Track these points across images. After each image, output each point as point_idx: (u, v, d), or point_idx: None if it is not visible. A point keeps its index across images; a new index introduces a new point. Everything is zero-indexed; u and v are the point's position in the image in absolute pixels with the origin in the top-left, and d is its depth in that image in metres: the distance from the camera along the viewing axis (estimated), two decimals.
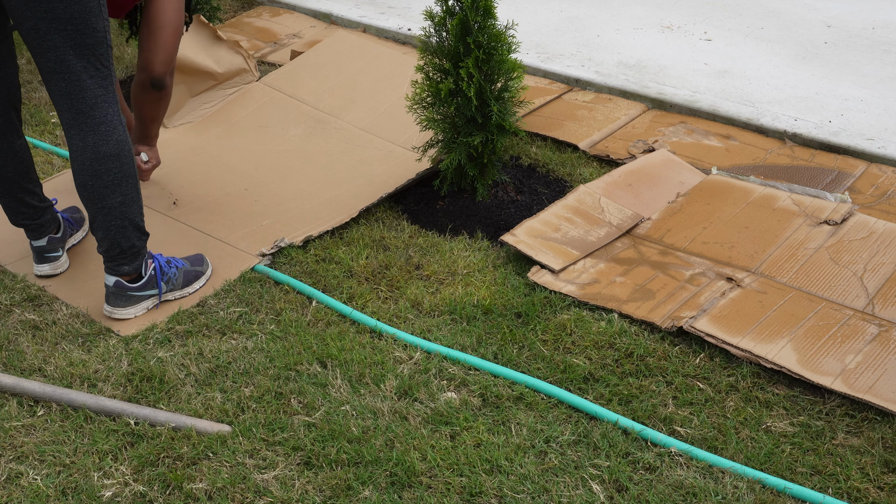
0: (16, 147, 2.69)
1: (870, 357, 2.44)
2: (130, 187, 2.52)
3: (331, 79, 3.95)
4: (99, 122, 2.42)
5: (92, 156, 2.44)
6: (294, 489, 2.08)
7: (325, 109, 3.77)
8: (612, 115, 3.95)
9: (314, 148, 3.56)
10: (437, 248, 3.01)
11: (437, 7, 3.10)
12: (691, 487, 2.09)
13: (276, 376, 2.43)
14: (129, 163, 2.50)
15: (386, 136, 3.57)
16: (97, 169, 2.45)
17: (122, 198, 2.50)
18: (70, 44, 2.31)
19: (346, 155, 3.51)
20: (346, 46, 4.17)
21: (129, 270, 2.61)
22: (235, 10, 5.40)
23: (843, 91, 4.15)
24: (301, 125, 3.70)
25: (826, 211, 3.11)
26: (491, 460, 2.16)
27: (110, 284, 2.62)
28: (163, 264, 2.70)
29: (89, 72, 2.36)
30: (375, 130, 3.61)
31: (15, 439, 2.22)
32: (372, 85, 3.88)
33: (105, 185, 2.47)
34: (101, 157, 2.44)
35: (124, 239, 2.55)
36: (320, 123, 3.70)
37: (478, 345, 2.56)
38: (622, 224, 3.09)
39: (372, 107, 3.75)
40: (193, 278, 2.77)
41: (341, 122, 3.69)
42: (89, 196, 2.49)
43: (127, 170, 2.49)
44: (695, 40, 4.79)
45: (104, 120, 2.42)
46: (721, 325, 2.56)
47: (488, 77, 3.08)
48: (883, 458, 2.18)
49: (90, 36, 2.33)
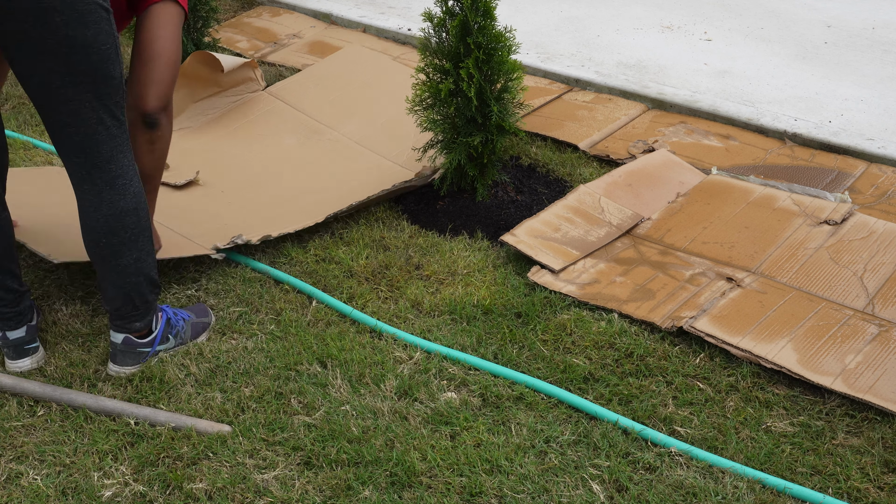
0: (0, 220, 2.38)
1: (870, 357, 2.44)
2: (146, 241, 2.34)
3: (335, 91, 3.95)
4: (115, 176, 2.23)
5: (108, 212, 2.25)
6: (294, 489, 2.08)
7: (323, 121, 3.77)
8: (612, 115, 3.95)
9: (304, 157, 3.55)
10: (437, 248, 3.01)
11: (436, 8, 3.10)
12: (691, 487, 2.09)
13: (276, 376, 2.43)
14: (146, 216, 2.33)
15: (377, 149, 3.58)
16: (113, 226, 2.26)
17: (138, 253, 2.33)
18: (86, 96, 2.12)
19: (334, 165, 3.50)
20: (356, 58, 4.16)
21: (141, 327, 2.42)
22: (235, 10, 5.40)
23: (843, 91, 4.15)
24: (296, 135, 3.69)
25: (826, 211, 3.11)
26: (491, 460, 2.16)
27: (118, 342, 2.41)
28: (171, 317, 2.51)
29: (105, 123, 2.18)
30: (368, 143, 3.61)
31: (15, 439, 2.22)
32: (374, 98, 3.88)
33: (122, 243, 2.29)
34: (118, 214, 2.26)
35: (138, 296, 2.37)
36: (315, 134, 3.70)
37: (478, 345, 2.56)
38: (622, 224, 3.09)
39: (370, 120, 3.76)
40: (201, 330, 2.59)
41: (336, 133, 3.70)
42: (101, 254, 2.30)
43: (144, 224, 2.32)
44: (695, 40, 4.79)
45: (120, 173, 2.24)
46: (721, 325, 2.56)
47: (488, 78, 3.09)
48: (883, 458, 2.18)
49: (107, 85, 2.15)
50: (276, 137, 3.68)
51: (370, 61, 4.14)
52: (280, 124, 3.76)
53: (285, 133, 3.70)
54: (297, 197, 3.27)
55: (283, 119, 3.80)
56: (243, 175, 3.43)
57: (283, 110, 3.85)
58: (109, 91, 2.16)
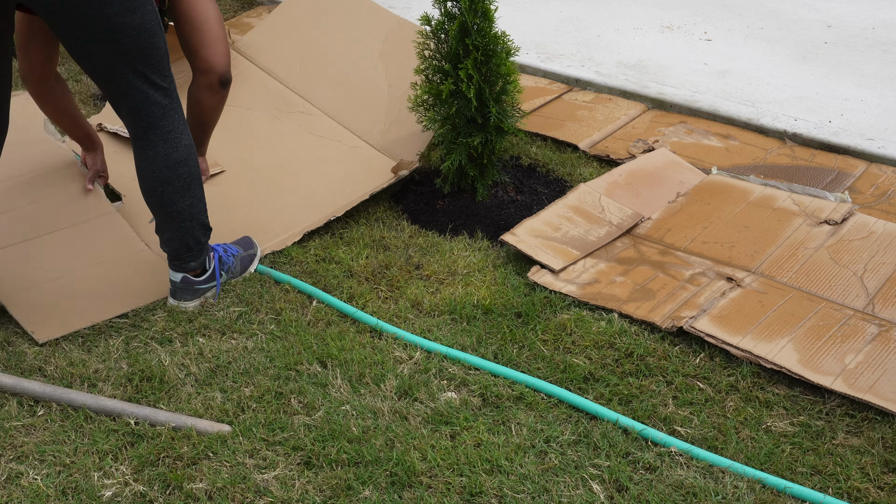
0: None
1: (870, 357, 2.44)
2: (197, 188, 2.57)
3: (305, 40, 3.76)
4: (168, 131, 2.47)
5: (163, 164, 2.49)
6: (294, 489, 2.08)
7: (294, 87, 3.63)
8: (612, 115, 3.95)
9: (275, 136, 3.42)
10: (437, 248, 3.01)
11: (434, 11, 3.11)
12: (691, 487, 2.09)
13: (276, 376, 2.43)
14: (196, 165, 2.56)
15: (352, 125, 3.45)
16: (167, 176, 2.50)
17: (191, 200, 2.55)
18: (138, 70, 2.38)
19: (306, 150, 3.40)
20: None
21: (196, 266, 2.66)
22: (235, 10, 5.39)
23: (844, 91, 4.15)
24: (266, 107, 3.55)
25: (826, 211, 3.11)
26: (491, 460, 2.16)
27: (177, 280, 2.66)
28: (223, 255, 2.76)
29: (155, 87, 2.42)
30: (342, 118, 3.49)
31: (15, 439, 2.22)
32: (344, 49, 3.70)
33: (175, 191, 2.52)
34: (171, 164, 2.49)
35: (192, 239, 2.61)
36: (287, 104, 3.56)
37: (478, 344, 2.57)
38: (622, 223, 3.09)
39: (339, 80, 3.60)
40: (249, 262, 2.85)
41: (308, 104, 3.57)
42: (158, 202, 2.54)
43: (195, 172, 2.56)
44: (695, 40, 4.79)
45: (172, 128, 2.48)
46: (721, 325, 2.56)
47: (487, 79, 3.09)
48: (883, 458, 2.18)
49: (155, 56, 2.40)
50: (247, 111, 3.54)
51: None
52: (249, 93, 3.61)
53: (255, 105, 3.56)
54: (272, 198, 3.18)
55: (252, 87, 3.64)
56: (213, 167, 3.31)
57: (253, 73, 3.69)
58: (156, 61, 2.41)
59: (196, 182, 2.57)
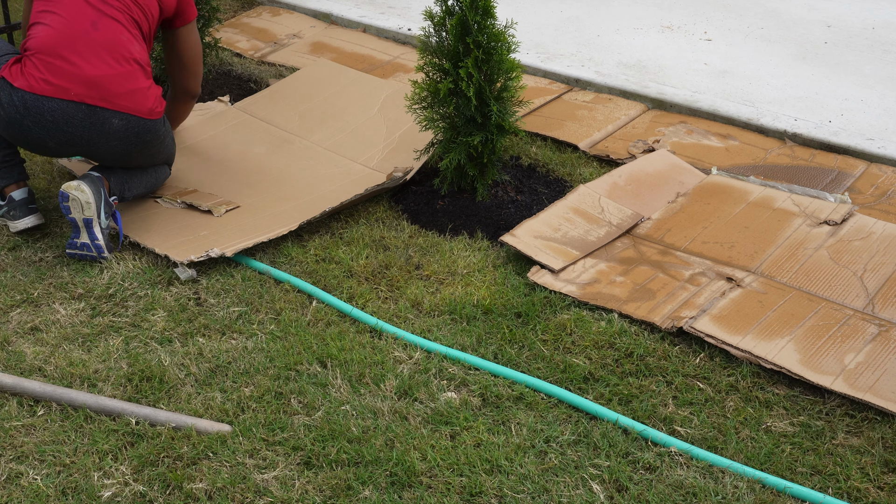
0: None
1: (870, 357, 2.44)
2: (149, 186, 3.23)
3: (304, 103, 3.96)
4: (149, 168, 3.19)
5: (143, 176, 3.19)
6: (294, 489, 2.08)
7: (293, 131, 3.78)
8: (612, 115, 3.95)
9: (273, 165, 3.54)
10: (437, 248, 3.01)
11: (436, 7, 3.10)
12: (691, 487, 2.09)
13: (276, 376, 2.43)
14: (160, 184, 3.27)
15: (348, 154, 3.58)
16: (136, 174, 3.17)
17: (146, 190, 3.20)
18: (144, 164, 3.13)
19: (304, 171, 3.49)
20: (324, 72, 4.17)
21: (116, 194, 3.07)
22: (235, 10, 5.39)
23: (843, 91, 4.15)
24: (266, 144, 3.69)
25: (826, 211, 3.11)
26: (491, 460, 2.16)
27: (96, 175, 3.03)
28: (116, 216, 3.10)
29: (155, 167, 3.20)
30: (339, 149, 3.62)
31: (15, 439, 2.22)
32: (343, 107, 3.88)
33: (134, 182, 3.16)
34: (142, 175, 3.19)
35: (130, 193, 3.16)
36: (285, 143, 3.70)
37: (478, 345, 2.57)
38: (622, 224, 3.09)
39: (340, 128, 3.76)
40: None
41: (306, 141, 3.69)
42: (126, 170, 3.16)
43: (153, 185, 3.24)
44: (695, 40, 4.79)
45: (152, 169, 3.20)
46: (721, 326, 2.56)
47: (488, 77, 3.08)
48: (883, 458, 2.18)
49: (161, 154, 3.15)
50: (244, 147, 3.67)
51: (337, 74, 4.15)
52: (248, 136, 3.77)
53: (254, 144, 3.70)
54: (268, 205, 3.23)
55: (251, 131, 3.80)
56: (212, 186, 3.38)
57: (252, 123, 3.86)
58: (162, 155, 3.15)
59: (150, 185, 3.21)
